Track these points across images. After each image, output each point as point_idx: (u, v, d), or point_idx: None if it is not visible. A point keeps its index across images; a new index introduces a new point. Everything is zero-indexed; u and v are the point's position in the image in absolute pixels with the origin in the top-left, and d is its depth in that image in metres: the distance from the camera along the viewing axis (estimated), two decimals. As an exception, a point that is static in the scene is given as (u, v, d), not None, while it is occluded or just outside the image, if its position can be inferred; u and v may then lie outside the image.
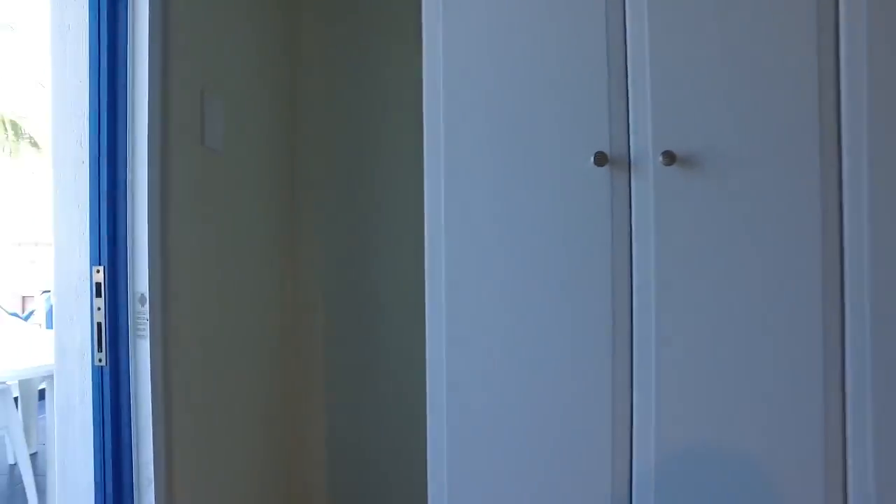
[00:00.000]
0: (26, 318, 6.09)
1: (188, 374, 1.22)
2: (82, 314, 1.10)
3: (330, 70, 1.83)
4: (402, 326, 1.76)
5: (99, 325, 1.08)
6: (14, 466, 3.07)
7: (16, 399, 3.54)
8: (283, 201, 1.77)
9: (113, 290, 1.08)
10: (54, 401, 1.14)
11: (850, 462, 0.98)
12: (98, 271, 1.08)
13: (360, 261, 1.80)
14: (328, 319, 1.82)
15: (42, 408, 3.46)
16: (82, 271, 1.10)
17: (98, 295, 1.08)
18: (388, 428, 1.79)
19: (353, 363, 1.81)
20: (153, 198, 1.09)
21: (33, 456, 3.25)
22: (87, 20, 1.08)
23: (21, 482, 2.80)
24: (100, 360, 1.08)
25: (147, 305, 1.07)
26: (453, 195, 1.14)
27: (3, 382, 2.76)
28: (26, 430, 3.25)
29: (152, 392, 1.07)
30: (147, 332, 1.08)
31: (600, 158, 1.06)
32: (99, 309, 1.08)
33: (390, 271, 1.78)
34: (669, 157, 1.05)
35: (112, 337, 1.09)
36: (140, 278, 1.08)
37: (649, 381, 1.06)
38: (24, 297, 8.46)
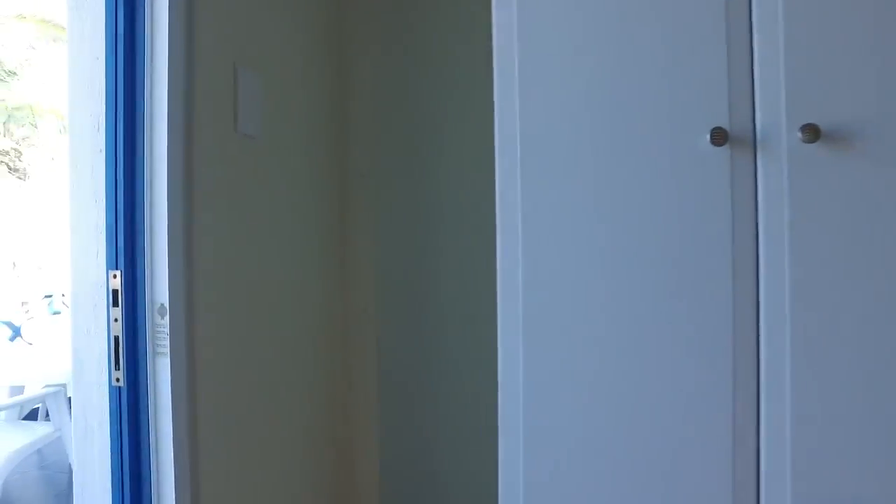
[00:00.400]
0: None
1: (217, 397, 1.06)
2: (100, 326, 0.96)
3: (386, 42, 1.63)
4: (468, 335, 1.57)
5: (116, 339, 0.93)
6: (74, 466, 3.07)
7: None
8: (332, 195, 1.59)
9: (131, 299, 0.93)
10: (72, 423, 1.01)
11: None
12: (115, 276, 0.93)
13: (420, 261, 1.61)
14: (383, 329, 1.63)
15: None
16: (100, 276, 0.95)
17: (115, 304, 0.93)
18: (451, 450, 1.59)
19: (411, 377, 1.62)
20: (174, 191, 0.93)
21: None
22: (103, -15, 0.93)
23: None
24: (117, 380, 0.94)
25: (167, 318, 0.92)
26: (532, 182, 0.94)
27: (61, 385, 2.74)
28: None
29: (173, 420, 0.91)
30: (167, 349, 0.92)
31: (718, 136, 0.86)
32: (116, 320, 0.93)
33: (455, 273, 1.58)
34: (812, 132, 0.83)
35: (130, 353, 0.94)
36: (159, 286, 0.93)
37: (782, 418, 0.84)
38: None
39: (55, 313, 4.77)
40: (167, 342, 0.91)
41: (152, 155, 0.92)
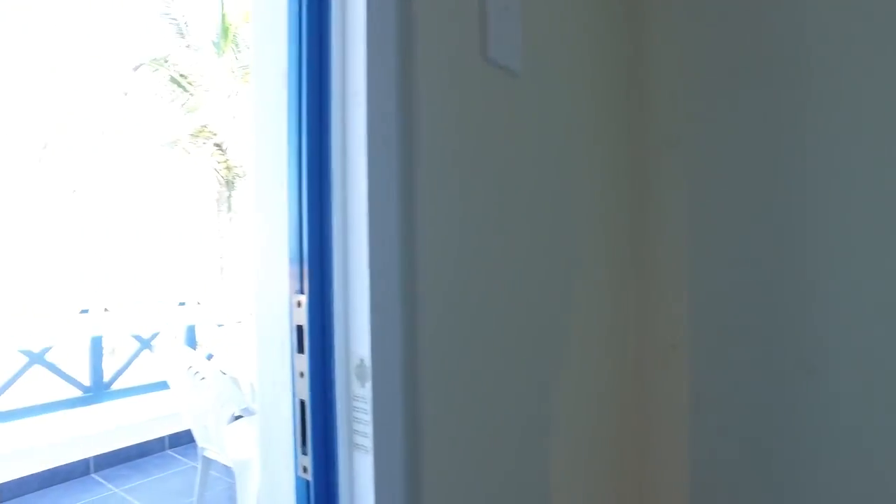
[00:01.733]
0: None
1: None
2: (288, 378, 0.61)
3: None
4: (857, 389, 0.93)
5: (302, 405, 0.57)
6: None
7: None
8: (624, 173, 1.08)
9: (320, 343, 0.57)
10: (261, 512, 0.69)
11: None
12: (299, 304, 0.57)
13: (767, 274, 1.02)
14: (701, 373, 1.08)
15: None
16: (284, 300, 0.61)
17: (300, 349, 0.57)
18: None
19: (748, 450, 1.04)
20: (383, 161, 0.54)
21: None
22: None
23: None
24: (304, 470, 0.58)
25: (370, 385, 0.52)
26: None
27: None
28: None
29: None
30: (369, 443, 0.52)
31: None
32: (301, 375, 0.57)
33: (831, 294, 0.95)
34: None
35: (321, 432, 0.57)
36: (356, 326, 0.53)
37: None
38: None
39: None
40: (369, 430, 0.52)
41: (344, 101, 0.54)
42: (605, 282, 1.03)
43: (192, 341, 4.21)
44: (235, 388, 2.29)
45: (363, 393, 0.53)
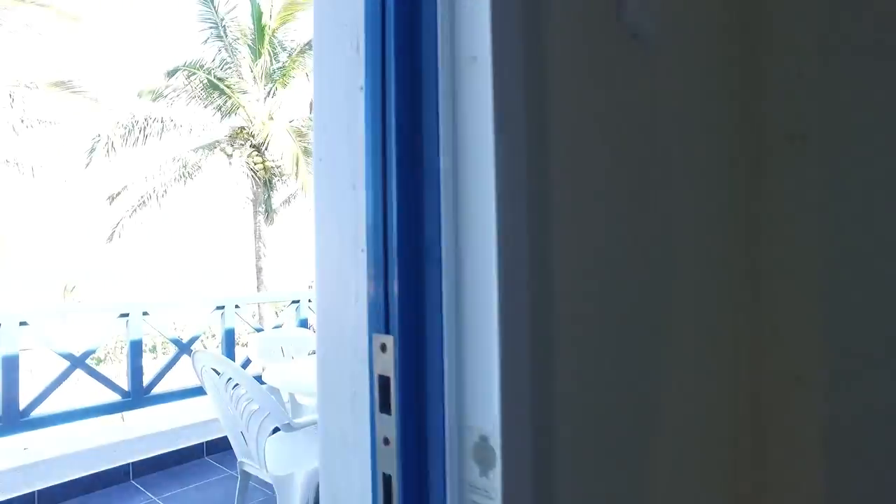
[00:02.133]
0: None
1: None
2: (363, 440, 0.46)
3: None
4: None
5: (387, 480, 0.42)
6: None
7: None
8: (735, 171, 0.90)
9: (416, 405, 0.41)
10: None
11: None
12: (383, 348, 0.42)
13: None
14: (836, 414, 0.89)
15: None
16: (359, 339, 0.46)
17: (385, 409, 0.42)
18: None
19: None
20: (514, 150, 0.38)
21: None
22: None
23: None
24: (391, 570, 0.43)
25: (498, 475, 0.36)
26: None
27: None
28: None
29: None
30: None
31: None
32: (387, 443, 0.42)
33: None
34: None
35: None
36: (476, 388, 0.37)
37: None
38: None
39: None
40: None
41: (454, 61, 0.38)
42: (716, 299, 0.86)
43: (230, 345, 4.15)
44: (274, 402, 2.18)
45: (485, 484, 0.37)
